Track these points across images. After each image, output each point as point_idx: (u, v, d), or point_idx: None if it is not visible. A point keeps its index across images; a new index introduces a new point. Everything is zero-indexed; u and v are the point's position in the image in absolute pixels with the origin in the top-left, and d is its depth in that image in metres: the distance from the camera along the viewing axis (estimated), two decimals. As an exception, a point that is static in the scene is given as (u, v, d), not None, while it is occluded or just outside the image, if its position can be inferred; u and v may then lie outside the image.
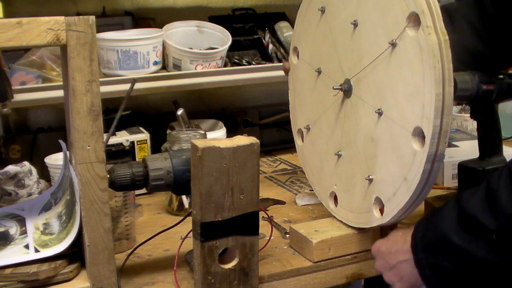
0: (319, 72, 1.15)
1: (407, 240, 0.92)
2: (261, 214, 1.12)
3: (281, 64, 1.60)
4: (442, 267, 0.87)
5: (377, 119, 0.97)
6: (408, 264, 0.91)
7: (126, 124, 1.46)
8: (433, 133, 0.87)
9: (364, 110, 1.01)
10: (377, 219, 0.99)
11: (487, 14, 1.14)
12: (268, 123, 1.76)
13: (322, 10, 1.13)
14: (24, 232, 1.00)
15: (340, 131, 1.08)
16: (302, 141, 1.24)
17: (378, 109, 0.97)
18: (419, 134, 0.89)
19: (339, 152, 1.08)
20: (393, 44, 0.93)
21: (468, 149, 1.41)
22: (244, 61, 1.63)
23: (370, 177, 0.99)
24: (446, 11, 0.90)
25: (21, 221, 1.02)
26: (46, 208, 1.03)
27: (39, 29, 0.84)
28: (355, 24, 1.04)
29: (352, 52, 1.05)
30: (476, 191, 0.85)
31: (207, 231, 0.90)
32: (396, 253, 0.94)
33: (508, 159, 1.21)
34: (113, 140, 1.39)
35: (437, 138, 0.87)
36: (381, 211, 0.98)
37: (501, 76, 1.17)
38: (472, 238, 0.83)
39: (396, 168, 0.93)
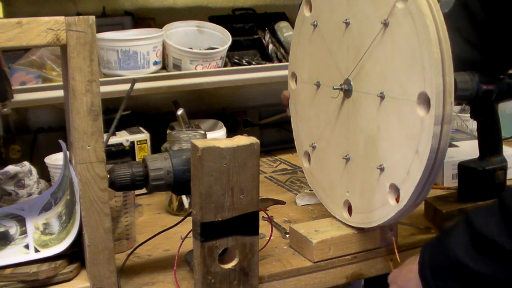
0: (318, 85, 1.15)
1: (416, 261, 0.91)
2: (261, 214, 1.12)
3: (281, 64, 1.61)
4: None
5: (380, 103, 0.97)
6: (413, 284, 0.90)
7: (126, 124, 1.46)
8: (437, 92, 0.86)
9: (367, 101, 1.00)
10: (394, 207, 0.96)
11: (477, 22, 1.14)
12: (268, 123, 1.76)
13: (315, 25, 1.15)
14: (24, 232, 1.00)
15: (346, 134, 1.07)
16: (309, 163, 1.22)
17: (380, 93, 0.96)
18: (424, 99, 0.88)
19: (347, 156, 1.06)
20: (386, 24, 0.94)
21: (468, 149, 1.41)
22: (244, 61, 1.63)
23: (381, 166, 0.97)
24: None
25: (21, 221, 1.02)
26: (46, 208, 1.03)
27: (39, 29, 0.84)
28: (347, 23, 1.05)
29: (347, 50, 1.05)
30: (489, 212, 0.83)
31: (207, 231, 0.90)
32: (406, 273, 0.93)
33: (508, 159, 1.22)
34: (113, 140, 1.39)
35: (442, 98, 0.86)
36: (397, 199, 0.96)
37: (501, 76, 1.17)
38: (489, 261, 0.81)
39: (406, 144, 0.92)
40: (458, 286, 0.84)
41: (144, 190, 0.99)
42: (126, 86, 1.27)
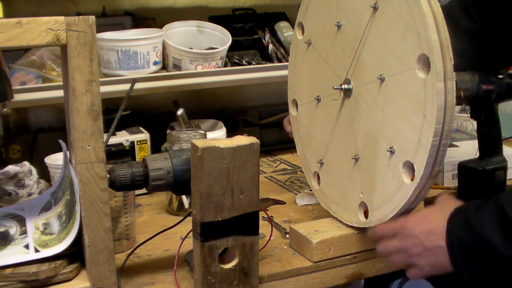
0: (318, 99, 1.15)
1: (438, 221, 0.90)
2: (261, 214, 1.12)
3: (281, 64, 1.61)
4: (485, 274, 0.84)
5: (380, 87, 0.97)
6: (445, 252, 0.88)
7: (126, 124, 1.46)
8: (435, 48, 0.87)
9: (368, 91, 1.00)
10: (410, 186, 0.94)
11: (460, 30, 1.15)
12: (268, 123, 1.76)
13: (309, 43, 1.17)
14: (24, 232, 1.00)
15: (352, 135, 1.06)
16: (319, 183, 1.19)
17: (380, 76, 0.97)
18: (423, 61, 0.89)
19: (356, 156, 1.05)
20: (375, 7, 0.96)
21: (468, 149, 1.41)
22: (244, 61, 1.63)
23: (391, 148, 0.96)
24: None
25: (21, 221, 1.02)
26: (46, 208, 1.03)
27: (39, 29, 0.84)
28: (339, 25, 1.07)
29: (342, 51, 1.06)
30: None
31: (207, 231, 0.90)
32: (437, 235, 0.90)
33: (508, 159, 1.22)
34: (113, 140, 1.39)
35: (441, 53, 0.87)
36: (412, 178, 0.94)
37: (501, 76, 1.17)
38: None
39: (413, 114, 0.91)
40: (491, 271, 0.84)
41: (144, 190, 0.99)
42: (126, 86, 1.27)
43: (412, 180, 0.94)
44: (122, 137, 1.41)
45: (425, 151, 0.91)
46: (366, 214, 1.05)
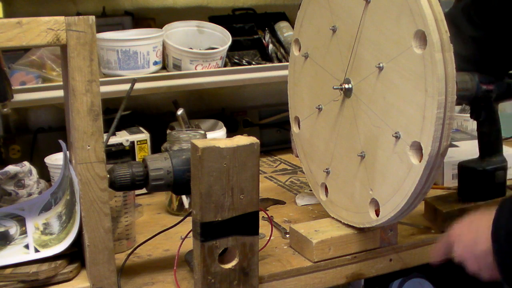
0: (319, 109, 1.15)
1: (484, 219, 0.87)
2: (261, 214, 1.12)
3: (281, 64, 1.61)
4: None
5: (379, 76, 0.97)
6: (483, 246, 0.86)
7: (126, 124, 1.46)
8: (429, 21, 0.86)
9: (368, 85, 1.00)
10: (419, 167, 0.92)
11: (466, 37, 1.16)
12: (268, 123, 1.76)
13: (306, 56, 1.18)
14: (24, 232, 1.00)
15: (356, 134, 1.06)
16: (327, 194, 1.17)
17: (378, 65, 0.96)
18: (419, 37, 0.89)
19: (362, 153, 1.04)
20: (367, 1, 0.97)
21: (468, 149, 1.42)
22: (244, 61, 1.63)
23: (397, 133, 0.95)
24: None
25: (21, 221, 1.02)
26: (46, 208, 1.03)
27: (39, 29, 0.84)
28: (334, 29, 1.07)
29: (339, 53, 1.06)
30: None
31: (207, 231, 0.90)
32: (475, 231, 0.88)
33: (508, 159, 1.22)
34: (113, 140, 1.39)
35: (435, 25, 0.87)
36: (420, 160, 0.93)
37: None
38: None
39: (414, 93, 0.91)
40: None
41: (144, 190, 0.99)
42: (126, 86, 1.27)
43: (420, 161, 0.92)
44: (122, 137, 1.41)
45: (430, 125, 0.89)
46: (377, 213, 1.03)
